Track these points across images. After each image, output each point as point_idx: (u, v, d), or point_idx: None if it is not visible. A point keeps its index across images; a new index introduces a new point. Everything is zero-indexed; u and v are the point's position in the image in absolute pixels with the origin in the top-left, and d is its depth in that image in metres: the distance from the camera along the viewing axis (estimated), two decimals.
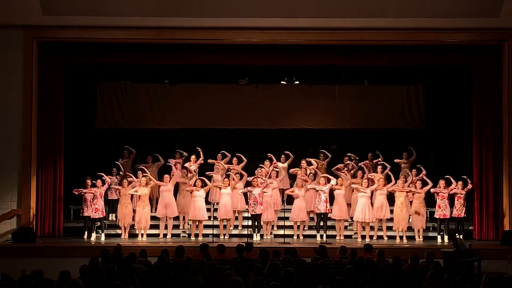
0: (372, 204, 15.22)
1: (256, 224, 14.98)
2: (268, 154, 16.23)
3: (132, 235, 15.29)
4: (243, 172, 15.86)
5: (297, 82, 17.44)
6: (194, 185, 15.20)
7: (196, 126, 18.09)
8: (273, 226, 15.73)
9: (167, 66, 16.21)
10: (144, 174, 15.48)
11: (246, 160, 16.17)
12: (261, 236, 15.06)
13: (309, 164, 16.13)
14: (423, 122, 18.30)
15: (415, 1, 14.66)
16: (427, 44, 15.21)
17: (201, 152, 16.14)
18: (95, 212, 14.86)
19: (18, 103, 14.95)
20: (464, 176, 15.04)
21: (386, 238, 15.22)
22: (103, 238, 15.02)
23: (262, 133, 18.05)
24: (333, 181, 15.17)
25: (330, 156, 16.62)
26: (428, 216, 15.93)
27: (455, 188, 14.91)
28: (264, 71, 16.78)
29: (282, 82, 17.45)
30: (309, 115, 18.40)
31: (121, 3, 14.59)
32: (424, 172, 15.41)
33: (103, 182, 15.06)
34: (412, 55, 15.48)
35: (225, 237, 15.22)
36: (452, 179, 15.04)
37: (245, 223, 15.81)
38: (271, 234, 15.53)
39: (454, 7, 14.62)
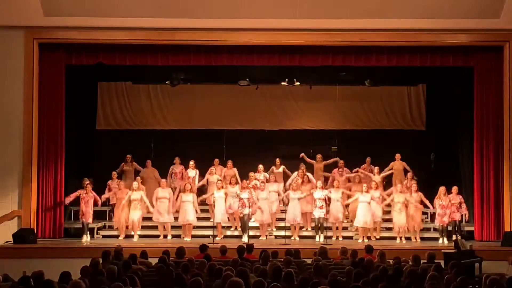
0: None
1: (243, 226, 14.96)
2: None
3: (129, 236, 15.28)
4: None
5: (297, 83, 17.41)
6: (184, 189, 15.26)
7: (197, 127, 18.12)
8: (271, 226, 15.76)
9: (168, 67, 16.18)
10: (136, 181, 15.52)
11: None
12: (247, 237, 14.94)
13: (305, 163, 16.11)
14: (424, 123, 18.32)
15: (416, 2, 14.65)
16: (428, 45, 15.19)
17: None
18: (82, 216, 14.88)
19: (19, 104, 14.95)
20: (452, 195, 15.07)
21: (378, 238, 15.22)
22: (84, 239, 14.86)
23: (262, 134, 18.07)
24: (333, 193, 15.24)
25: (331, 160, 16.58)
26: (429, 217, 15.96)
27: (452, 201, 14.94)
28: (264, 72, 16.78)
29: (283, 83, 17.44)
30: (310, 116, 18.42)
31: (121, 4, 14.59)
32: (411, 175, 15.60)
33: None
34: (413, 56, 15.45)
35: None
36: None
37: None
38: (270, 235, 15.52)
39: (455, 8, 14.61)
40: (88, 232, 14.94)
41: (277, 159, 16.42)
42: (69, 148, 15.88)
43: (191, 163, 16.23)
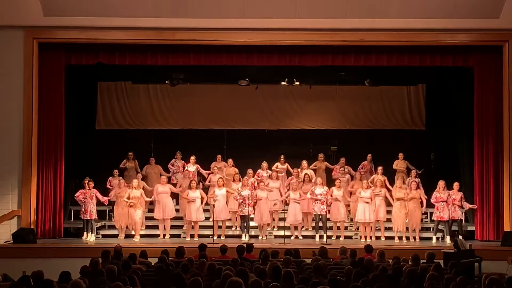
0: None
1: (245, 225, 14.97)
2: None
3: (129, 236, 15.29)
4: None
5: (297, 83, 17.44)
6: (190, 186, 15.22)
7: (196, 126, 18.16)
8: (273, 226, 15.74)
9: (168, 66, 16.19)
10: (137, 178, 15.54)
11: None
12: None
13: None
14: (424, 122, 18.32)
15: (415, 2, 14.65)
16: (428, 45, 15.19)
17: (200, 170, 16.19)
18: (85, 214, 14.89)
19: (19, 103, 14.95)
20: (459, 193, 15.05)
21: (384, 239, 15.24)
22: (92, 238, 14.92)
23: (262, 133, 18.07)
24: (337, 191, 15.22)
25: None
26: (428, 217, 15.97)
27: (452, 195, 14.92)
28: (264, 72, 16.79)
29: (282, 82, 17.46)
30: (310, 115, 18.44)
31: (121, 4, 14.58)
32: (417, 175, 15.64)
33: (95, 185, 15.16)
34: (413, 56, 15.45)
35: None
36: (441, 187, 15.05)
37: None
38: (270, 235, 15.52)
39: (454, 8, 14.61)
40: (91, 230, 14.92)
41: (282, 156, 16.43)
42: (69, 148, 15.87)
43: (192, 158, 16.25)
